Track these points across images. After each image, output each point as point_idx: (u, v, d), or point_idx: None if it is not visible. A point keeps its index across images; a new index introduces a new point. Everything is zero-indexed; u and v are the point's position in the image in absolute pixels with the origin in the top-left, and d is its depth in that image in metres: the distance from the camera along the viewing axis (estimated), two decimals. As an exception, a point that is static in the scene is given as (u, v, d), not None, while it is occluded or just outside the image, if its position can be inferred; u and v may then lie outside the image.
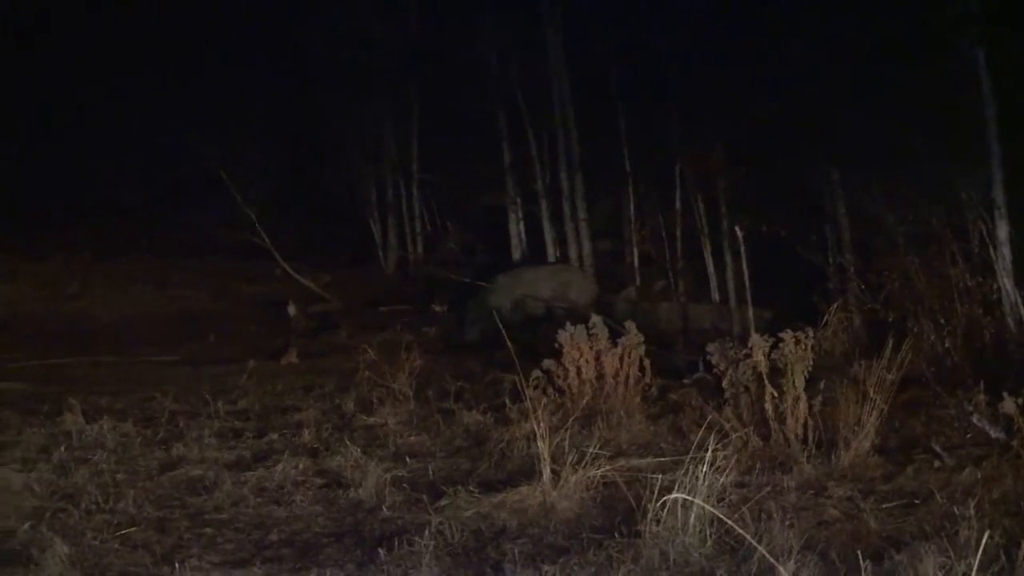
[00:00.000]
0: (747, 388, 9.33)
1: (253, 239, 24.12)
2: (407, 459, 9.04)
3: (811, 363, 9.03)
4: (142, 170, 30.29)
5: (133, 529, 7.15)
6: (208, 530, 7.26)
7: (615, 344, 10.52)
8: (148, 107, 28.26)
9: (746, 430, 9.05)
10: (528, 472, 8.08)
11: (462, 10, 20.07)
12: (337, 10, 23.23)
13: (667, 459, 8.30)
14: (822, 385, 9.22)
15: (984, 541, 5.33)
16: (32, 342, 17.84)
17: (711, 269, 16.45)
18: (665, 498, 6.52)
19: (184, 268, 24.58)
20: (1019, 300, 11.99)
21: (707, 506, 6.52)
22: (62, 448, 9.38)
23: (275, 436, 10.02)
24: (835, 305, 13.09)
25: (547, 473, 7.69)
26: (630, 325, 10.76)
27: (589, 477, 7.69)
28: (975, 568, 5.34)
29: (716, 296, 16.53)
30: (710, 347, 9.86)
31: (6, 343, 17.87)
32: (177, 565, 6.43)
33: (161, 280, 23.57)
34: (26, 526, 7.13)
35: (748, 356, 9.27)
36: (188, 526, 7.35)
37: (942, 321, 12.12)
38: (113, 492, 8.04)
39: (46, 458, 9.04)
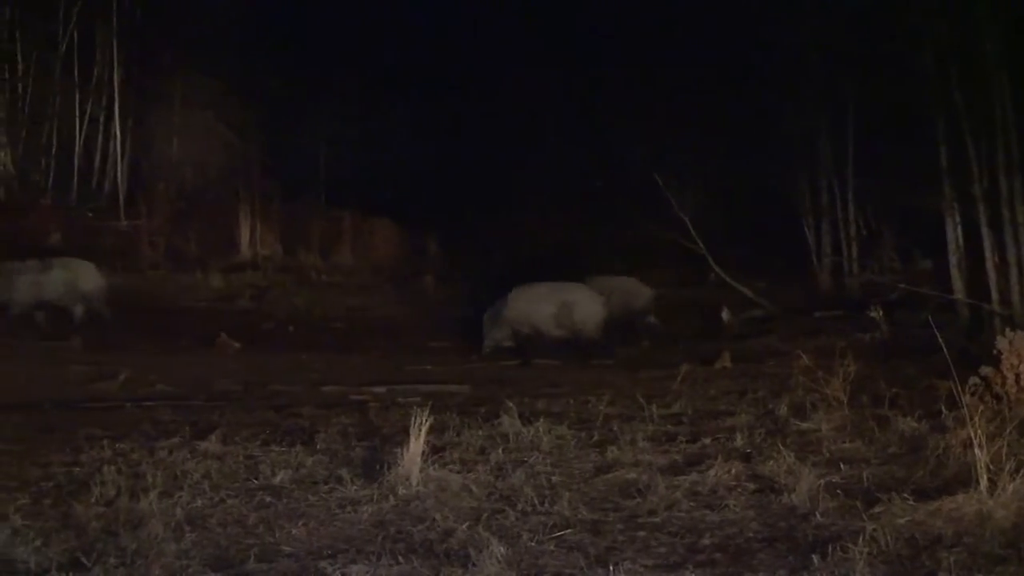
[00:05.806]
0: None
1: (686, 243, 24.40)
2: (841, 465, 8.92)
3: None
4: (576, 173, 31.28)
5: (568, 531, 7.25)
6: (641, 533, 7.30)
7: (1057, 351, 10.20)
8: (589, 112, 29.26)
9: None
10: (964, 480, 7.87)
11: (897, 9, 19.74)
12: (771, 14, 23.26)
13: (1112, 470, 7.96)
14: None
15: None
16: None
17: None
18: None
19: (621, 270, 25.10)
20: None
21: None
22: (499, 450, 9.65)
23: (708, 440, 10.08)
24: None
25: (984, 481, 7.51)
26: (1074, 331, 10.39)
27: (1028, 486, 7.48)
28: None
29: None
30: None
31: (453, 345, 18.76)
32: (611, 567, 6.48)
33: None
34: (464, 526, 7.32)
35: None
36: (622, 529, 7.42)
37: None
38: (548, 494, 8.20)
39: (484, 459, 9.31)
